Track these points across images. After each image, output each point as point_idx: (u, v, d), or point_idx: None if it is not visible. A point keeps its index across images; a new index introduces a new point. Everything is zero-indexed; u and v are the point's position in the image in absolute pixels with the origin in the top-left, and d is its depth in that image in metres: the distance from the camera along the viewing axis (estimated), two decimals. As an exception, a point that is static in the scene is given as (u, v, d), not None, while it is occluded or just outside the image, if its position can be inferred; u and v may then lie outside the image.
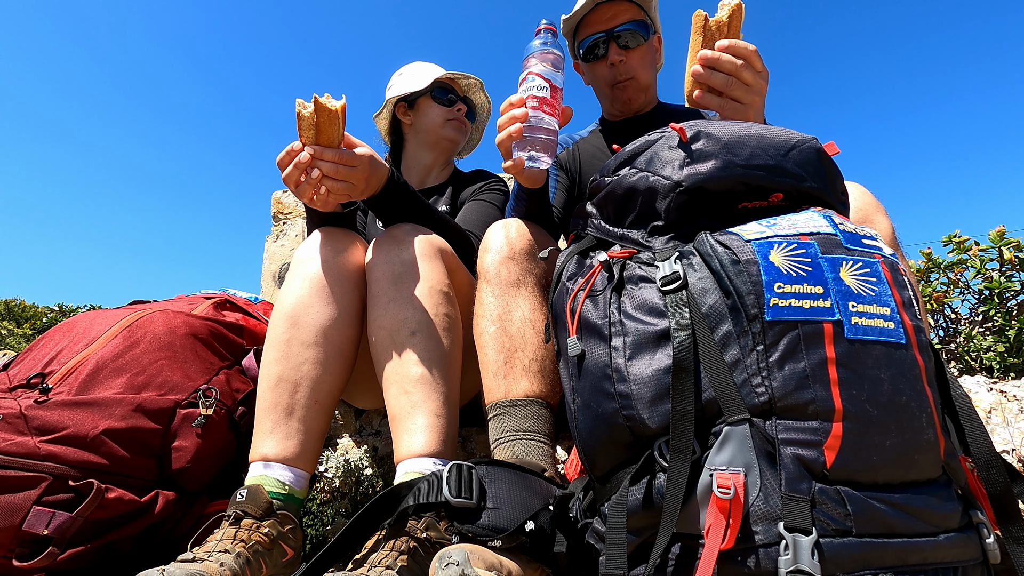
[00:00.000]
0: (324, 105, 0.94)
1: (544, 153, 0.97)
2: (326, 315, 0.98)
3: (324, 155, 0.95)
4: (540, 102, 0.96)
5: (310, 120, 0.95)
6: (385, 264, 1.01)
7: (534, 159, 0.97)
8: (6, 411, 0.85)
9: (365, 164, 1.00)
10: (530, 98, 0.96)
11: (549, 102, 0.97)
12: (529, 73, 0.98)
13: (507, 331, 0.97)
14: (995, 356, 1.71)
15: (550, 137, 0.97)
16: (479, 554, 0.64)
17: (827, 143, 0.76)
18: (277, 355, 0.96)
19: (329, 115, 0.94)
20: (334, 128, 0.95)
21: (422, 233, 1.05)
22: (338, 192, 1.00)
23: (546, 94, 0.96)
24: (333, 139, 0.96)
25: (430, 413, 0.90)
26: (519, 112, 0.95)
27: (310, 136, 0.96)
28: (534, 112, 0.95)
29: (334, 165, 0.96)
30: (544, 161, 0.97)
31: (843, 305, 0.60)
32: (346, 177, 0.98)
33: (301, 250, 1.05)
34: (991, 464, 0.61)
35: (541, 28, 1.01)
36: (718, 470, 0.57)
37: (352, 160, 0.98)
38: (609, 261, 0.73)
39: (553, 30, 1.01)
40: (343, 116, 0.96)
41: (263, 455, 0.89)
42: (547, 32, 1.00)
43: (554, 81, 0.98)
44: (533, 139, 0.96)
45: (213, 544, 0.76)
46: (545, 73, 0.97)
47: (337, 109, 0.95)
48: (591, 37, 1.35)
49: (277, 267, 2.42)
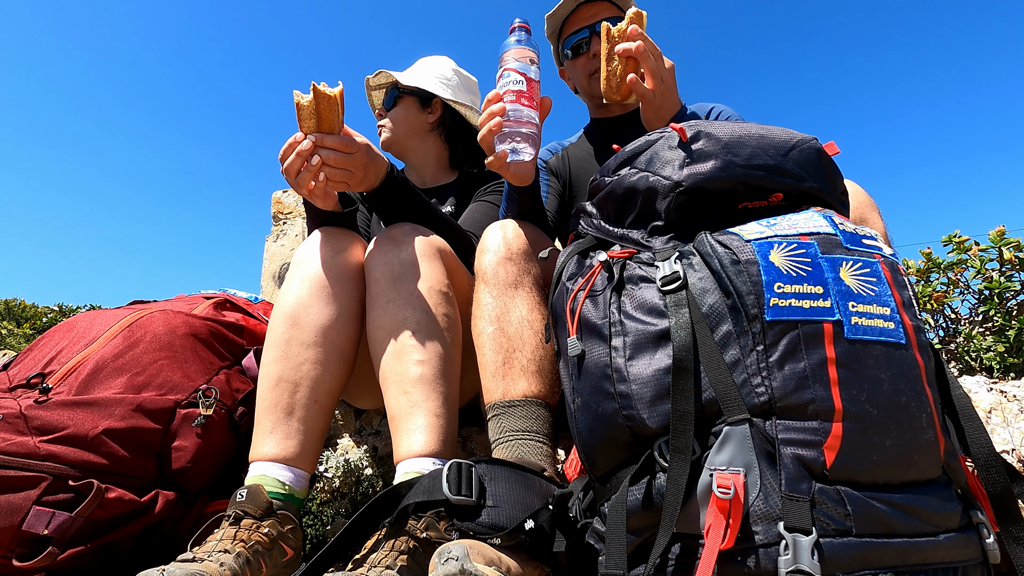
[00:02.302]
0: (323, 92, 0.95)
1: (526, 144, 0.98)
2: (326, 315, 0.98)
3: (325, 141, 0.96)
4: (517, 95, 0.97)
5: (310, 109, 0.95)
6: (384, 264, 1.01)
7: (516, 151, 0.98)
8: (6, 411, 0.85)
9: (363, 151, 1.00)
10: (507, 92, 0.98)
11: (526, 94, 0.98)
12: (505, 69, 1.00)
13: (505, 331, 0.97)
14: (995, 356, 1.71)
15: (531, 129, 0.99)
16: (479, 549, 0.64)
17: (827, 143, 0.76)
18: (277, 355, 0.96)
19: (329, 101, 0.95)
20: (334, 114, 0.96)
21: (421, 233, 1.05)
22: (336, 180, 1.00)
23: (523, 87, 0.98)
24: (334, 126, 0.97)
25: (429, 413, 0.90)
26: (497, 107, 0.97)
27: (311, 125, 0.96)
28: (512, 105, 0.97)
29: (335, 152, 0.97)
30: (527, 153, 0.98)
31: (843, 305, 0.60)
32: (344, 164, 0.98)
33: (301, 250, 1.05)
34: (991, 464, 0.61)
35: (515, 26, 1.03)
36: (718, 470, 0.57)
37: (351, 146, 0.98)
38: (609, 261, 0.73)
39: (527, 28, 1.04)
40: (342, 102, 0.97)
41: (263, 455, 0.89)
42: (521, 30, 1.03)
43: (529, 74, 1.00)
44: (513, 132, 0.98)
45: (213, 544, 0.76)
46: (520, 68, 0.99)
47: (336, 95, 0.95)
48: (574, 35, 1.39)
49: (277, 267, 2.42)
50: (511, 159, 0.98)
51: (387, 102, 1.55)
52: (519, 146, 0.98)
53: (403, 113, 1.54)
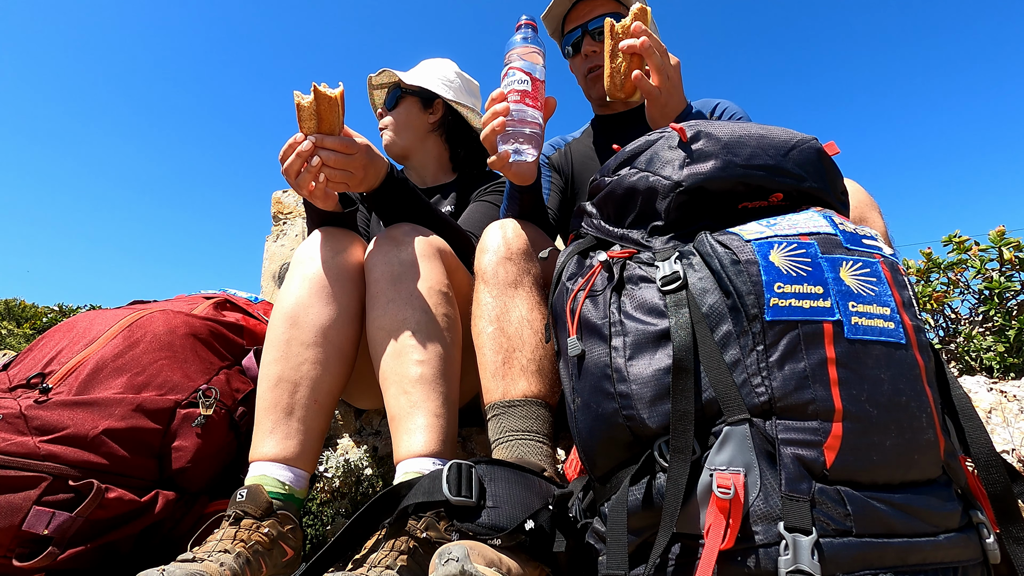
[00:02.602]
0: (324, 93, 0.95)
1: (528, 145, 0.98)
2: (326, 315, 0.98)
3: (325, 142, 0.96)
4: (522, 95, 0.97)
5: (310, 109, 0.95)
6: (384, 264, 1.01)
7: (519, 152, 0.97)
8: (6, 411, 0.85)
9: (363, 152, 1.00)
10: (511, 92, 0.97)
11: (531, 95, 0.97)
12: (510, 68, 0.99)
13: (505, 331, 0.97)
14: (995, 356, 1.71)
15: (535, 130, 0.98)
16: (479, 550, 0.64)
17: (827, 143, 0.76)
18: (277, 355, 0.96)
19: (329, 102, 0.95)
20: (334, 115, 0.96)
21: (421, 234, 1.05)
22: (336, 181, 1.00)
23: (527, 87, 0.97)
24: (334, 127, 0.97)
25: (429, 413, 0.90)
26: (500, 107, 0.96)
27: (311, 126, 0.97)
28: (516, 105, 0.96)
29: (335, 153, 0.97)
30: (530, 154, 0.98)
31: (843, 305, 0.60)
32: (344, 165, 0.98)
33: (301, 250, 1.05)
34: (991, 464, 0.61)
35: (521, 24, 1.02)
36: (718, 470, 0.57)
37: (351, 147, 0.98)
38: (609, 261, 0.73)
39: (533, 25, 1.02)
40: (343, 103, 0.97)
41: (263, 455, 0.89)
42: (527, 27, 1.01)
43: (534, 74, 0.98)
44: (517, 132, 0.97)
45: (213, 544, 0.76)
46: (525, 67, 0.98)
47: (336, 96, 0.96)
48: (570, 33, 1.40)
49: (277, 267, 2.42)
50: (513, 159, 0.98)
51: (389, 101, 1.55)
52: (522, 147, 0.97)
53: (405, 113, 1.54)
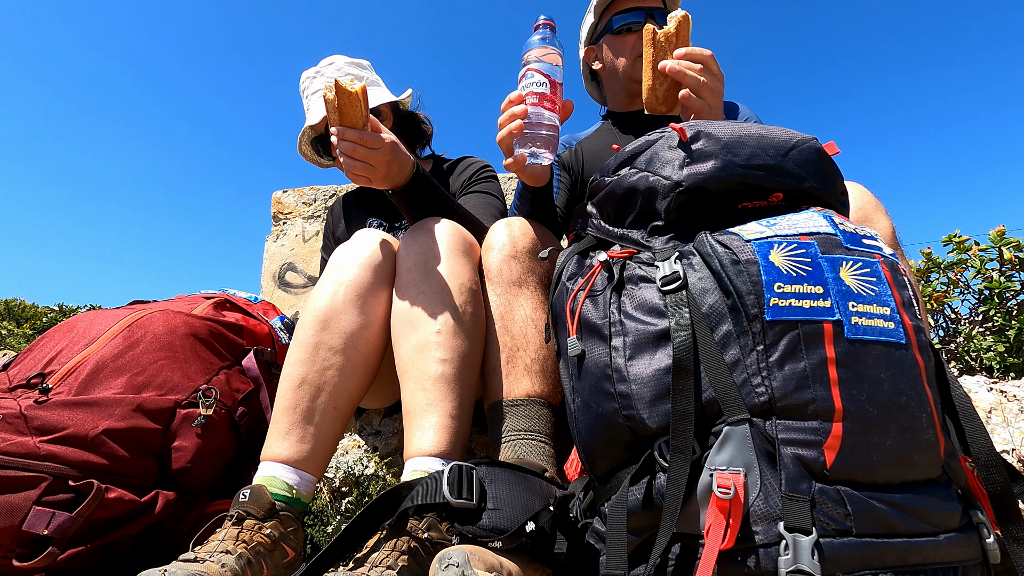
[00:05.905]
0: (343, 88, 0.96)
1: (545, 149, 0.97)
2: (357, 323, 0.97)
3: (345, 135, 0.98)
4: (540, 98, 0.96)
5: (333, 103, 0.97)
6: (418, 255, 1.00)
7: (535, 155, 0.96)
8: (6, 411, 0.85)
9: (387, 148, 1.01)
10: (529, 95, 0.96)
11: (549, 97, 0.96)
12: (528, 69, 0.97)
13: (509, 330, 0.97)
14: (995, 356, 1.71)
15: (551, 133, 0.97)
16: (479, 555, 0.64)
17: (827, 143, 0.76)
18: (303, 356, 0.95)
19: (349, 97, 0.97)
20: (355, 110, 0.98)
21: (456, 229, 1.05)
22: (357, 172, 1.01)
23: (545, 90, 0.96)
24: (356, 121, 0.99)
25: (444, 414, 0.89)
26: (519, 109, 0.95)
27: (334, 119, 0.99)
28: (534, 108, 0.95)
29: (353, 144, 0.98)
30: (546, 157, 0.97)
31: (843, 305, 0.60)
32: (365, 158, 1.00)
33: (339, 253, 1.04)
34: (991, 464, 0.61)
35: (540, 24, 1.00)
36: (718, 470, 0.57)
37: (374, 142, 0.99)
38: (609, 261, 0.73)
39: (552, 26, 1.00)
40: (364, 98, 0.98)
41: (275, 455, 0.89)
42: (546, 28, 0.99)
43: (553, 76, 0.97)
44: (534, 135, 0.96)
45: (215, 544, 0.76)
46: (544, 69, 0.97)
47: (357, 92, 0.97)
48: (630, 12, 1.35)
49: (277, 267, 2.42)
50: (529, 163, 0.97)
51: None
52: (539, 150, 0.96)
53: None
